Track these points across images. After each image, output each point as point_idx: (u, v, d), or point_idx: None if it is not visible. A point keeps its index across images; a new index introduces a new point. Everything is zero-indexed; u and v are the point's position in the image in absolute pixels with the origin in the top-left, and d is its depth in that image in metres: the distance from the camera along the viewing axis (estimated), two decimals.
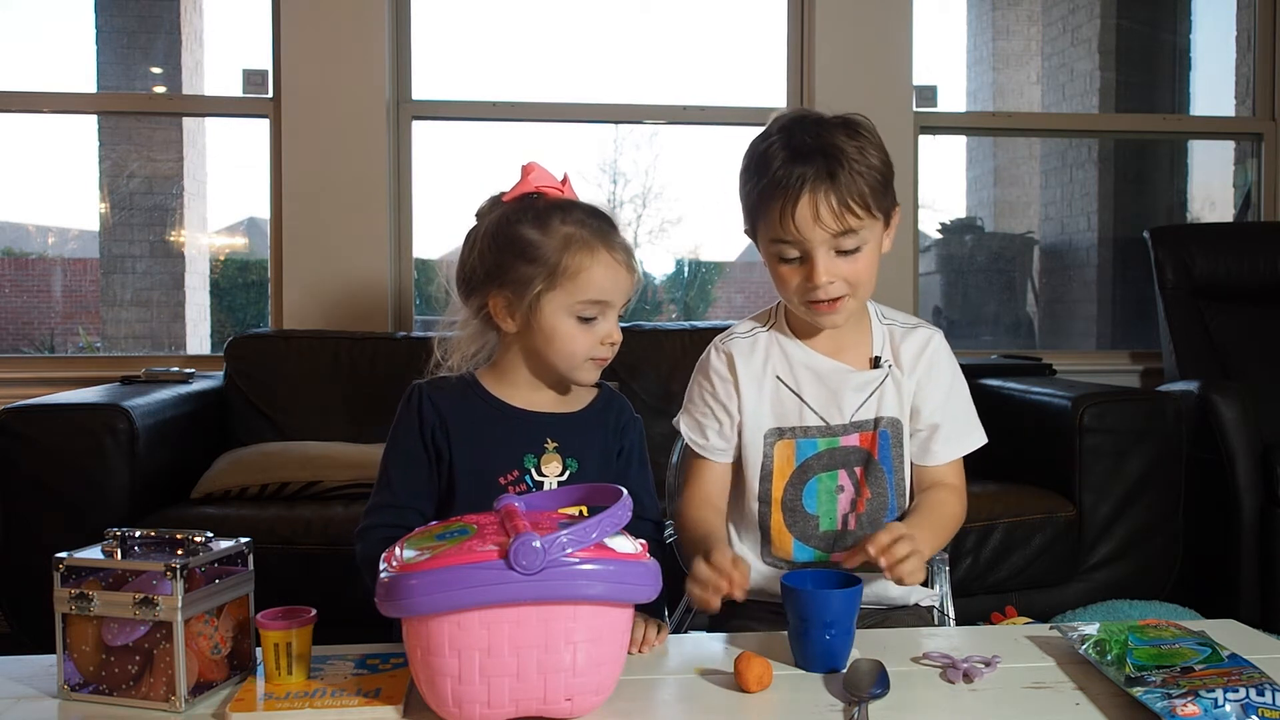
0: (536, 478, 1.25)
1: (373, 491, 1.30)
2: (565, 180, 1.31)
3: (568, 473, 1.26)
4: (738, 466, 1.37)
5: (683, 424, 1.39)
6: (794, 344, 1.36)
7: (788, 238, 1.23)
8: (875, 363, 1.36)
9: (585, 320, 1.24)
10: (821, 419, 1.33)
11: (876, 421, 1.33)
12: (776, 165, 1.22)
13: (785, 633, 1.11)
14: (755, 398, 1.33)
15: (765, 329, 1.38)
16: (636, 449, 1.35)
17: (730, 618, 1.33)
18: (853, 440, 1.33)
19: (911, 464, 1.37)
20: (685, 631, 1.41)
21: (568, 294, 1.22)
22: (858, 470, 1.33)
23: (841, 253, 1.25)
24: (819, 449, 1.33)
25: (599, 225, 1.25)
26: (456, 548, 0.91)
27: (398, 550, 0.95)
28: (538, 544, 0.88)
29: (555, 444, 1.27)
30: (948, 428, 1.36)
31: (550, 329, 1.23)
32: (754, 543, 1.36)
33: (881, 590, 1.34)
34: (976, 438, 1.39)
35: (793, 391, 1.34)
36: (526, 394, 1.30)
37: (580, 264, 1.22)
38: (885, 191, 1.26)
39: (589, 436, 1.30)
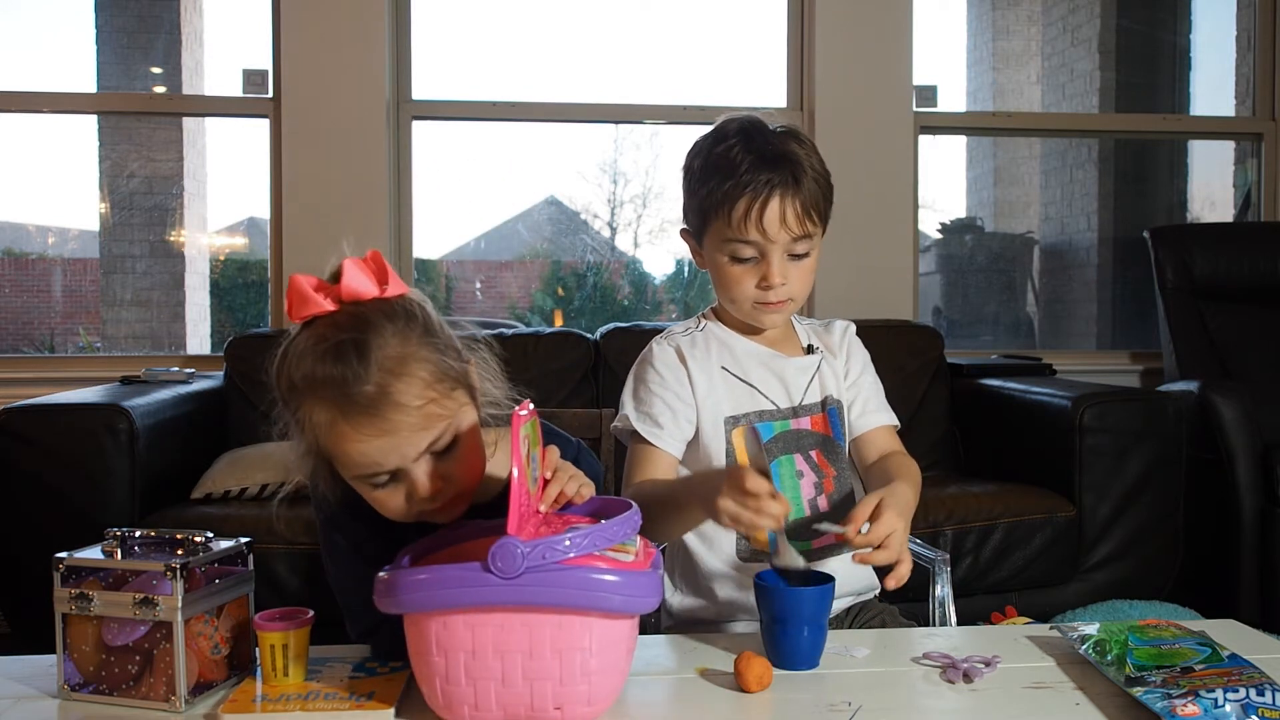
0: None
1: (343, 594, 1.11)
2: (345, 276, 0.98)
3: None
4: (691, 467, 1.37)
5: (632, 419, 1.33)
6: (733, 336, 1.39)
7: (749, 238, 1.27)
8: (809, 350, 1.42)
9: (383, 487, 1.00)
10: (773, 402, 1.36)
11: (824, 402, 1.39)
12: (744, 168, 1.26)
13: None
14: (707, 386, 1.35)
15: (699, 329, 1.40)
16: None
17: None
18: (804, 424, 1.37)
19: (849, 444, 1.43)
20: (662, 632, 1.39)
21: (344, 470, 1.00)
22: (814, 454, 1.36)
23: (793, 257, 1.30)
24: (775, 432, 1.35)
25: (333, 380, 0.94)
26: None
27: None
28: (519, 548, 0.87)
29: None
30: (871, 399, 1.43)
31: (369, 500, 1.03)
32: (730, 540, 1.35)
33: (844, 585, 1.35)
34: (892, 416, 1.45)
35: (740, 379, 1.36)
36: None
37: (327, 442, 0.98)
38: (830, 202, 1.32)
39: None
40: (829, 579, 1.12)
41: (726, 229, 1.28)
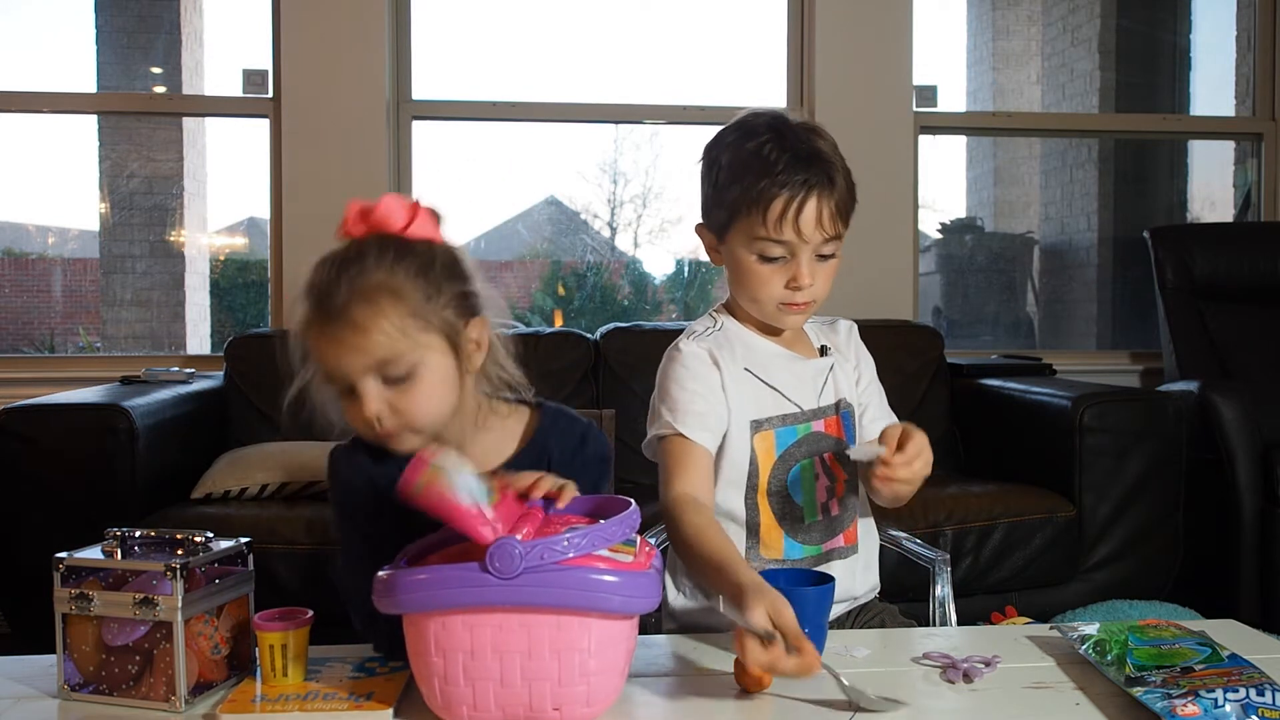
0: None
1: (342, 561, 1.16)
2: (379, 207, 1.10)
3: None
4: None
5: (674, 423, 1.28)
6: (754, 337, 1.37)
7: (782, 238, 1.25)
8: (822, 351, 1.41)
9: (346, 396, 1.09)
10: (796, 405, 1.35)
11: (837, 405, 1.38)
12: (780, 167, 1.24)
13: None
14: (735, 389, 1.32)
15: (718, 329, 1.38)
16: (590, 466, 1.19)
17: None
18: (819, 426, 1.36)
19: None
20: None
21: (322, 372, 1.10)
22: (828, 457, 1.36)
23: (820, 258, 1.29)
24: (797, 436, 1.34)
25: (315, 289, 1.07)
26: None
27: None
28: (517, 549, 0.87)
29: None
30: (879, 406, 1.44)
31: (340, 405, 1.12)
32: (740, 547, 1.34)
33: (846, 589, 1.35)
34: (895, 420, 1.43)
35: (764, 382, 1.34)
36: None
37: (304, 340, 1.09)
38: (855, 202, 1.31)
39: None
40: (829, 579, 1.12)
41: (759, 227, 1.25)
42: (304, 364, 1.12)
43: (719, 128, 1.36)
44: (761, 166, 1.24)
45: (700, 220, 1.36)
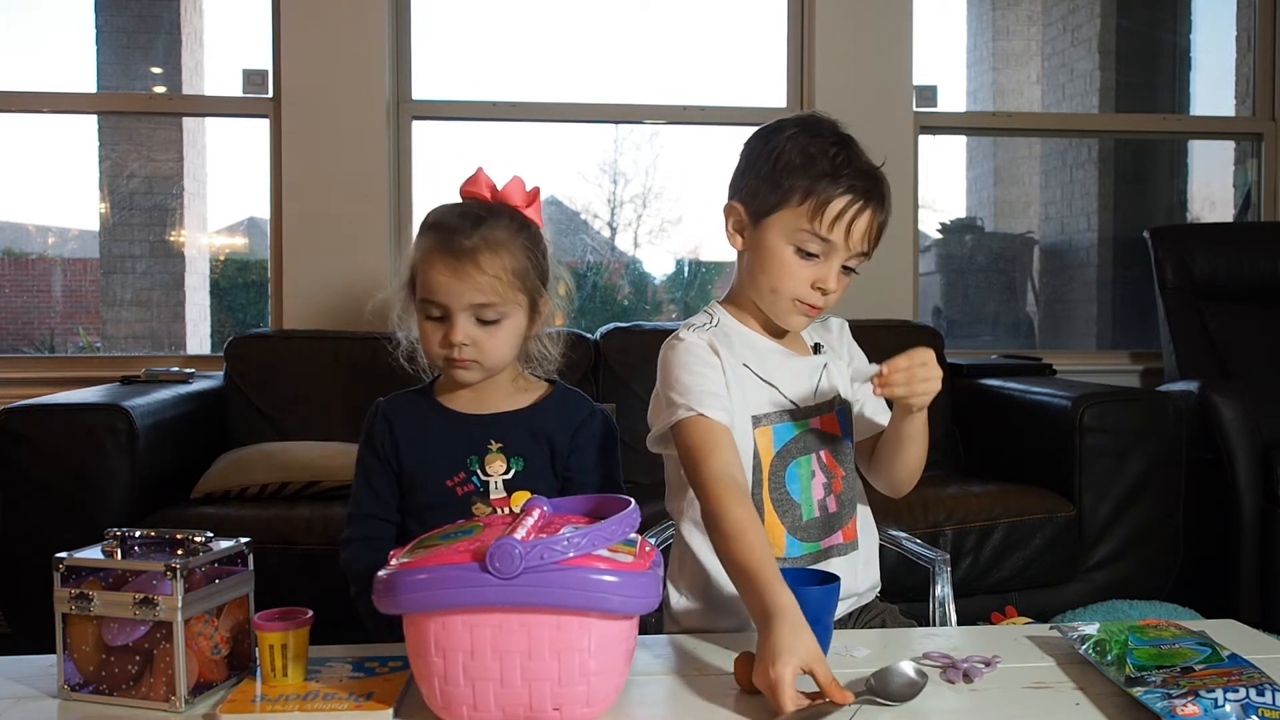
0: (482, 478, 1.32)
1: (349, 503, 1.39)
2: (509, 184, 1.35)
3: (513, 471, 1.33)
4: None
5: (691, 404, 1.25)
6: (751, 333, 1.38)
7: (830, 237, 1.27)
8: (815, 349, 1.43)
9: (432, 320, 1.29)
10: (792, 402, 1.35)
11: (832, 402, 1.39)
12: (849, 172, 1.28)
13: None
14: (736, 384, 1.33)
15: (714, 324, 1.38)
16: (597, 438, 1.37)
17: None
18: (816, 423, 1.36)
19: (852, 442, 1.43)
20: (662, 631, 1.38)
21: (420, 289, 1.31)
22: (824, 454, 1.36)
23: (846, 270, 1.31)
24: (794, 433, 1.34)
25: (449, 228, 1.28)
26: (448, 548, 0.92)
27: (405, 548, 0.98)
28: (517, 548, 0.87)
29: (499, 444, 1.33)
30: (876, 402, 1.45)
31: (419, 329, 1.33)
32: None
33: (847, 586, 1.35)
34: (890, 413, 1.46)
35: (762, 379, 1.35)
36: (471, 397, 1.36)
37: (421, 265, 1.30)
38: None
39: (534, 433, 1.35)
40: (834, 578, 1.11)
41: (815, 220, 1.27)
42: (404, 287, 1.35)
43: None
44: (831, 165, 1.28)
45: (734, 198, 1.35)
